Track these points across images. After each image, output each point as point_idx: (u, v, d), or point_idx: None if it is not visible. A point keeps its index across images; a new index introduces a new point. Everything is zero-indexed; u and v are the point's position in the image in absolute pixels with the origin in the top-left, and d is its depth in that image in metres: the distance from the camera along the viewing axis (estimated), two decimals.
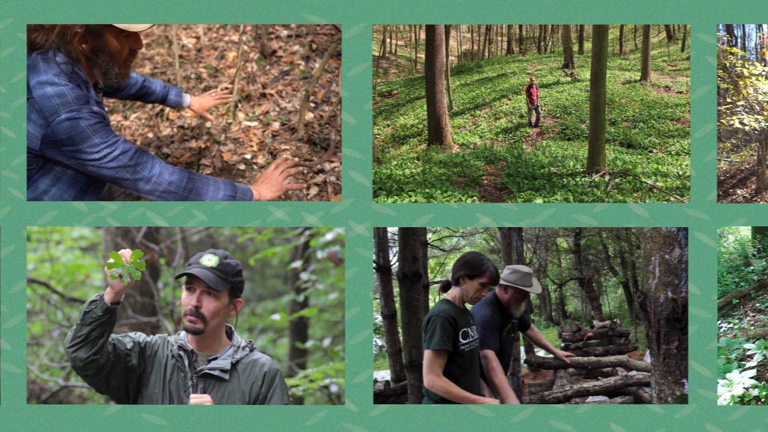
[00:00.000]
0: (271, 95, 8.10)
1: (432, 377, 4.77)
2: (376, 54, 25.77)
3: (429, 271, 12.15)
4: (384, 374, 10.30)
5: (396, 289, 9.44)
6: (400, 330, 9.26)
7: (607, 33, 11.97)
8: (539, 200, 9.82)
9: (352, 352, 5.19)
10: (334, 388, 7.91)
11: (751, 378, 6.16)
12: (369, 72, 5.28)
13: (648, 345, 5.52)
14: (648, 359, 10.20)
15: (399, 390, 8.68)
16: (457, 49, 29.49)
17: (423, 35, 18.62)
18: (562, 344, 11.56)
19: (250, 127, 7.67)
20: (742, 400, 5.92)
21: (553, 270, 18.78)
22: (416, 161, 12.84)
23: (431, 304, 10.82)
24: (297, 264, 9.11)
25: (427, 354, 4.80)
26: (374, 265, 8.50)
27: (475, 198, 10.27)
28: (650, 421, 5.10)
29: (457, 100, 18.65)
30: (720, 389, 5.77)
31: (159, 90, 6.24)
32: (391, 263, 9.36)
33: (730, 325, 8.77)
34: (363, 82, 5.26)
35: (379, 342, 15.41)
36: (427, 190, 10.20)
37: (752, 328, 8.47)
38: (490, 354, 5.70)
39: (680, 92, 17.87)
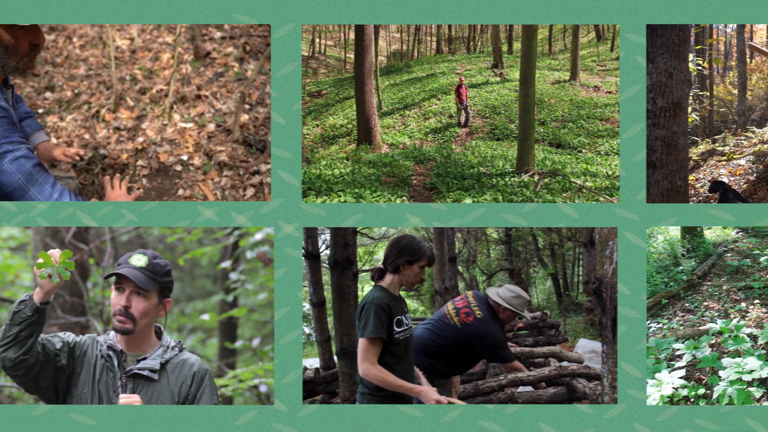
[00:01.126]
0: (206, 97, 8.08)
1: (367, 365, 4.73)
2: (306, 54, 25.89)
3: (357, 259, 12.26)
4: (312, 362, 10.26)
5: (325, 277, 9.44)
6: (329, 318, 9.29)
7: (536, 33, 12.14)
8: (468, 200, 9.89)
9: (281, 352, 5.20)
10: (263, 388, 7.92)
11: (680, 378, 6.24)
12: (298, 72, 5.28)
13: (600, 332, 5.57)
14: (579, 350, 10.30)
15: (329, 377, 8.67)
16: (387, 49, 29.70)
17: (352, 35, 18.71)
18: None
19: (185, 128, 7.64)
20: (671, 400, 6.00)
21: (482, 260, 18.86)
22: (345, 161, 12.97)
23: (360, 294, 10.85)
24: (226, 264, 9.11)
25: (361, 342, 4.76)
26: (303, 252, 8.50)
27: (404, 198, 10.34)
28: (579, 421, 5.14)
29: (386, 100, 18.81)
30: (649, 389, 5.84)
31: (30, 126, 5.98)
32: (320, 250, 9.36)
33: (660, 325, 8.85)
34: (292, 82, 5.27)
35: (307, 330, 15.42)
36: (357, 190, 10.27)
37: (681, 328, 8.55)
38: (516, 364, 6.51)
39: (609, 92, 18.14)
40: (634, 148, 5.26)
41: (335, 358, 8.70)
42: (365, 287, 19.30)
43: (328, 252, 8.20)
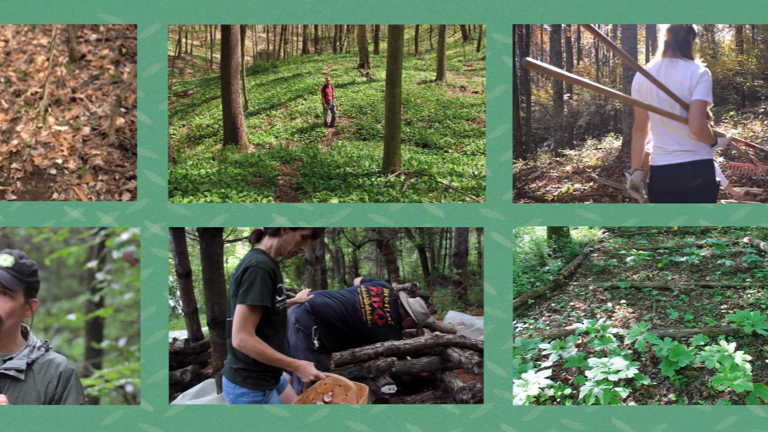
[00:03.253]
0: (81, 100, 7.99)
1: (244, 336, 4.48)
2: (172, 54, 25.70)
3: None
4: (179, 334, 10.20)
5: (190, 248, 9.41)
6: (195, 289, 9.27)
7: (402, 33, 12.15)
8: (335, 200, 9.94)
9: (147, 352, 5.22)
10: (129, 388, 7.88)
11: (547, 378, 6.28)
12: (164, 72, 5.30)
13: None
14: (449, 320, 10.42)
15: (198, 348, 8.68)
16: (253, 49, 29.68)
17: (219, 35, 18.63)
18: None
19: (60, 131, 7.55)
20: (538, 400, 6.04)
21: (348, 231, 18.93)
22: (212, 161, 12.98)
23: (227, 265, 10.83)
24: (92, 264, 9.02)
25: (240, 309, 4.52)
26: None
27: (270, 198, 10.39)
28: (446, 421, 5.22)
29: (252, 100, 18.81)
30: (516, 389, 5.88)
31: None
32: None
33: (526, 325, 8.91)
34: (158, 82, 5.29)
35: (172, 302, 15.31)
36: (223, 190, 10.29)
37: (548, 328, 8.65)
38: None
39: (476, 92, 18.25)
40: (501, 148, 5.34)
41: (204, 329, 8.76)
42: (229, 258, 19.29)
43: None
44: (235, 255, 20.90)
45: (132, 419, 5.22)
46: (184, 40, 28.83)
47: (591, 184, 11.57)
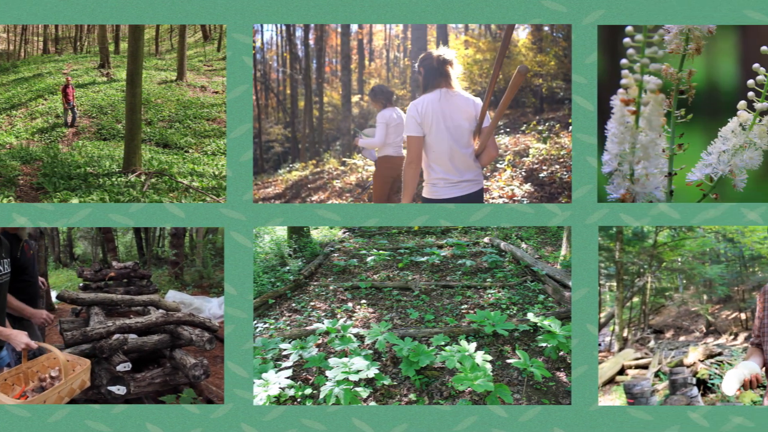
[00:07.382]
0: None
1: None
2: None
3: None
4: None
5: None
6: None
7: (143, 33, 12.24)
8: (75, 200, 9.86)
9: None
10: None
11: (287, 378, 6.39)
12: None
13: None
14: (170, 298, 10.40)
15: None
16: None
17: None
18: (81, 284, 11.47)
19: None
20: (278, 400, 6.12)
21: None
22: None
23: None
24: None
25: None
26: None
27: (11, 198, 10.23)
28: (186, 421, 5.21)
29: None
30: (256, 389, 5.91)
31: None
32: None
33: (267, 325, 8.99)
34: None
35: None
36: None
37: (288, 328, 8.74)
38: None
39: (216, 92, 18.35)
40: (241, 148, 5.36)
41: None
42: None
43: None
44: None
45: None
46: None
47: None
